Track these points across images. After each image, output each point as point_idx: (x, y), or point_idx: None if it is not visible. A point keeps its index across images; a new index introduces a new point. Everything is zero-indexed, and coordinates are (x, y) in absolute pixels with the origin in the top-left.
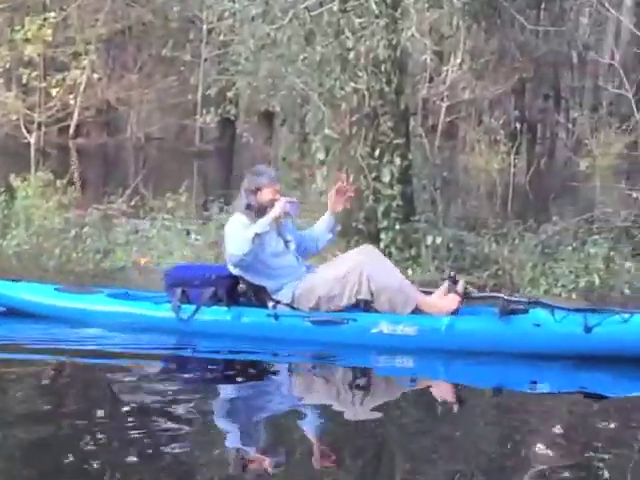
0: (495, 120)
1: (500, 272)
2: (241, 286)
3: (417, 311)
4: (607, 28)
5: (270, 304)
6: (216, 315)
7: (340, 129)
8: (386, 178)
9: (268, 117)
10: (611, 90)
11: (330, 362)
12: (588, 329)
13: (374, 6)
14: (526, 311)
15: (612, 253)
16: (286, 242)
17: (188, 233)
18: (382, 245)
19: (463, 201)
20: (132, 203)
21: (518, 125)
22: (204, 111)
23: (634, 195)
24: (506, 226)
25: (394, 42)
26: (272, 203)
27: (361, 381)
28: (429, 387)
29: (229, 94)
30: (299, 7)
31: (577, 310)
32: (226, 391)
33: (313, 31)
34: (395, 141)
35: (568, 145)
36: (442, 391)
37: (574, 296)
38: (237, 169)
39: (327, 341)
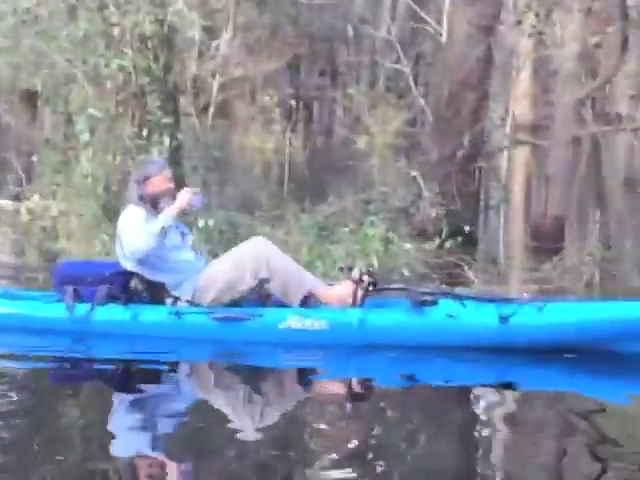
0: (270, 98)
1: None
2: (133, 282)
3: (311, 300)
4: (383, 2)
5: (168, 301)
6: (113, 314)
7: (105, 108)
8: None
9: (30, 97)
10: (388, 65)
11: (235, 360)
12: (503, 319)
13: None
14: (436, 302)
15: (390, 234)
16: (182, 235)
17: None
18: None
19: (237, 182)
20: None
21: (294, 103)
22: None
23: (412, 173)
24: (281, 207)
25: (160, 17)
26: (165, 192)
27: (265, 381)
28: (337, 385)
29: None
30: None
31: (488, 300)
32: (123, 395)
33: (75, 6)
34: (163, 120)
35: (345, 123)
36: (349, 389)
37: None
38: None
39: (233, 339)
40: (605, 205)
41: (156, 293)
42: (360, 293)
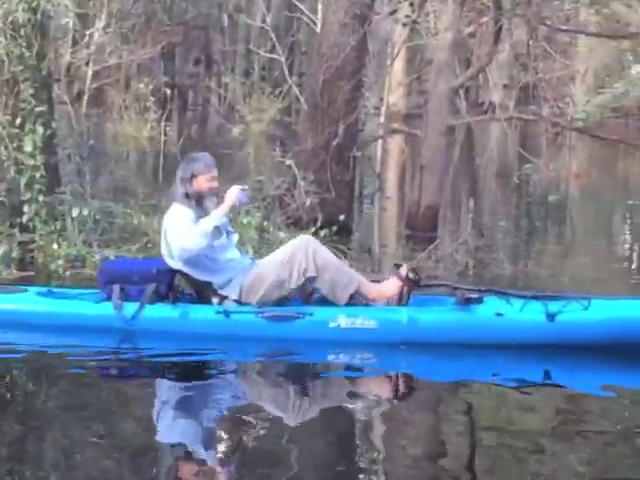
0: (144, 86)
1: (150, 244)
2: (178, 281)
3: (356, 296)
4: None
5: (215, 300)
6: (162, 313)
7: None
8: (28, 148)
9: None
10: (263, 54)
11: (285, 360)
12: (551, 317)
13: None
14: (481, 300)
15: (265, 223)
16: (227, 234)
17: None
18: (25, 219)
19: (112, 171)
20: None
21: (168, 91)
22: None
23: (287, 162)
24: (156, 196)
25: (34, 5)
26: (210, 191)
27: (314, 380)
28: (384, 383)
29: None
30: None
31: (533, 297)
32: (175, 393)
33: None
34: (37, 109)
35: (220, 111)
36: (397, 387)
37: None
38: None
39: (282, 337)
40: (479, 194)
41: (202, 292)
42: (406, 290)
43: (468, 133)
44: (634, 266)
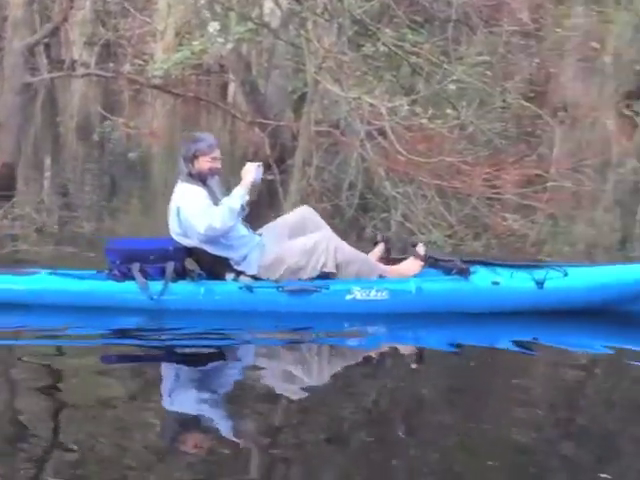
0: None
1: None
2: (189, 259)
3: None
4: None
5: (229, 276)
6: (186, 291)
7: None
8: None
9: None
10: None
11: (305, 332)
12: (540, 284)
13: None
14: (468, 270)
15: None
16: None
17: None
18: None
19: None
20: None
21: None
22: None
23: None
24: None
25: None
26: (211, 171)
27: (337, 352)
28: (399, 353)
29: None
30: None
31: (518, 266)
32: (207, 370)
33: None
34: None
35: None
36: (409, 356)
37: None
38: None
39: (302, 311)
40: (61, 152)
41: (216, 269)
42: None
43: (51, 91)
44: None
